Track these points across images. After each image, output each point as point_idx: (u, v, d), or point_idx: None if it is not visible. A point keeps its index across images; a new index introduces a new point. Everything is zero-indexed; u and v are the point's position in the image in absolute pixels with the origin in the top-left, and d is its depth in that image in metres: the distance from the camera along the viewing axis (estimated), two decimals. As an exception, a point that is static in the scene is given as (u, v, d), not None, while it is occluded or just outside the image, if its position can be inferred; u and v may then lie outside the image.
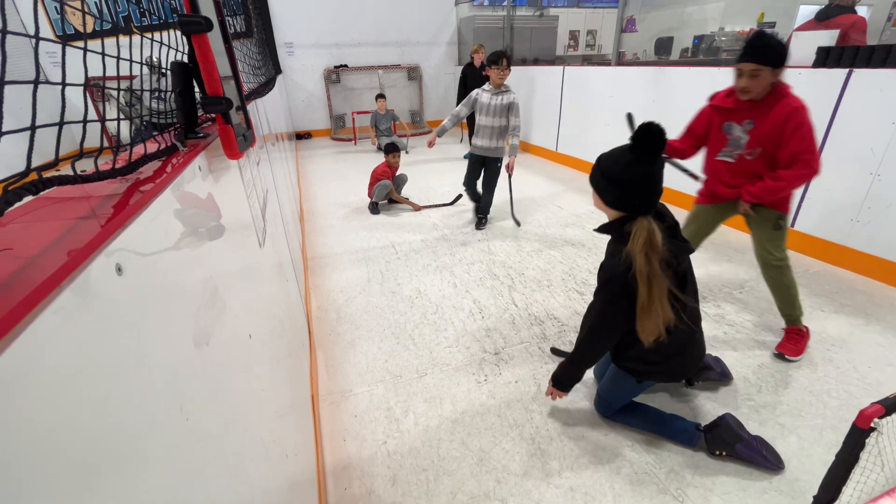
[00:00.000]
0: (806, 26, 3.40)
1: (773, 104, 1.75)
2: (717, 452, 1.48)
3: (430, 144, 3.31)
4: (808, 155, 1.72)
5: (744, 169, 1.88)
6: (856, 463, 1.00)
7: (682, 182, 2.58)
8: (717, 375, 1.80)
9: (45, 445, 0.30)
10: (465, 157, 5.11)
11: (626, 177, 1.25)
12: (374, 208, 4.00)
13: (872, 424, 0.94)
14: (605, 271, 1.35)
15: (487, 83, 3.08)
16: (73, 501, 0.32)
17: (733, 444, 1.46)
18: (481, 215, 3.54)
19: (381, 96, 6.15)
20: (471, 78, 5.54)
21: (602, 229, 1.38)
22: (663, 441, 1.57)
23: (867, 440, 0.96)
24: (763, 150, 1.79)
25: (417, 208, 4.07)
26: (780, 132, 1.73)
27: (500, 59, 2.93)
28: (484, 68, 5.77)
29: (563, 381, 1.55)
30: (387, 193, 3.96)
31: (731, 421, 1.51)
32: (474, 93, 3.08)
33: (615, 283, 1.27)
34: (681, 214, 1.69)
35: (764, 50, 1.66)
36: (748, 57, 1.70)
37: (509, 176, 3.35)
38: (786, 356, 1.92)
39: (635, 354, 1.43)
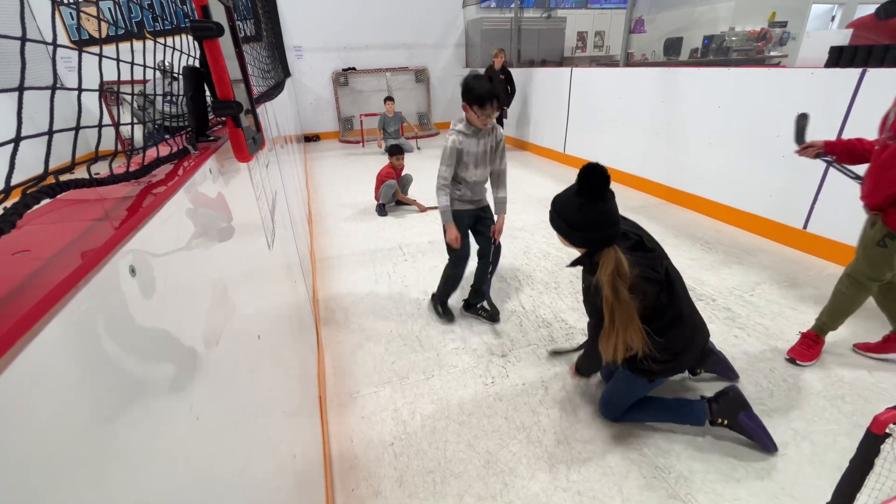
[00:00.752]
0: (861, 23, 3.17)
1: None
2: (720, 421, 1.50)
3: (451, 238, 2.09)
4: None
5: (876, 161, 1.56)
6: (870, 469, 0.98)
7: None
8: (723, 369, 1.79)
9: (57, 442, 0.31)
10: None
11: (584, 220, 1.31)
12: (382, 210, 4.02)
13: (887, 430, 0.92)
14: (587, 304, 1.46)
15: (461, 122, 1.95)
16: (82, 499, 0.33)
17: (736, 413, 1.48)
18: (480, 303, 2.37)
19: (389, 99, 6.18)
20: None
21: (574, 264, 1.45)
22: (673, 444, 1.55)
23: (882, 446, 0.94)
24: None
25: (423, 209, 4.08)
26: None
27: (491, 101, 1.81)
28: (505, 70, 5.71)
29: (582, 370, 1.72)
30: (392, 194, 3.98)
31: (737, 391, 1.54)
32: (452, 142, 1.93)
33: (593, 306, 1.38)
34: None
35: None
36: None
37: (494, 243, 2.18)
38: (797, 361, 1.89)
39: (644, 357, 1.41)
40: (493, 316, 2.32)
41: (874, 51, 2.50)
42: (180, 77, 0.85)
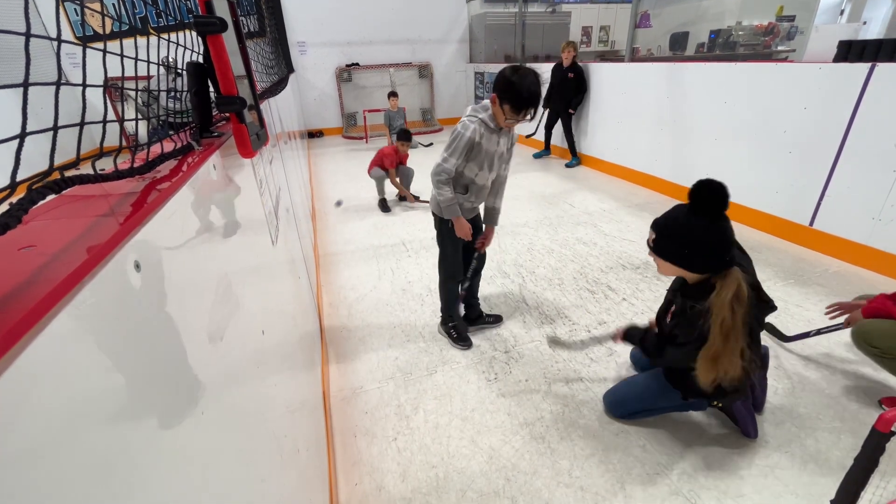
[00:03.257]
0: None
1: None
2: (714, 403, 1.51)
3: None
4: None
5: None
6: (875, 468, 0.97)
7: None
8: (742, 412, 1.57)
9: (63, 436, 0.31)
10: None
11: (706, 242, 1.22)
12: (385, 206, 4.02)
13: (893, 428, 0.92)
14: (684, 329, 1.32)
15: (486, 110, 1.68)
16: (88, 494, 0.33)
17: (730, 402, 1.48)
18: (478, 314, 2.26)
19: (393, 94, 6.11)
20: (558, 81, 4.87)
21: (690, 292, 1.33)
22: (675, 440, 1.55)
23: (887, 444, 0.94)
24: None
25: (413, 199, 4.07)
26: None
27: (529, 107, 1.59)
28: (575, 67, 4.77)
29: (633, 340, 1.57)
30: (383, 184, 4.01)
31: None
32: (473, 132, 1.65)
33: (697, 338, 1.26)
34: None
35: None
36: None
37: (479, 253, 2.06)
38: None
39: (696, 383, 1.32)
40: (497, 318, 2.28)
41: (883, 45, 2.47)
42: (184, 73, 0.85)
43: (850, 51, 2.63)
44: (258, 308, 0.95)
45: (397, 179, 4.05)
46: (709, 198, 1.17)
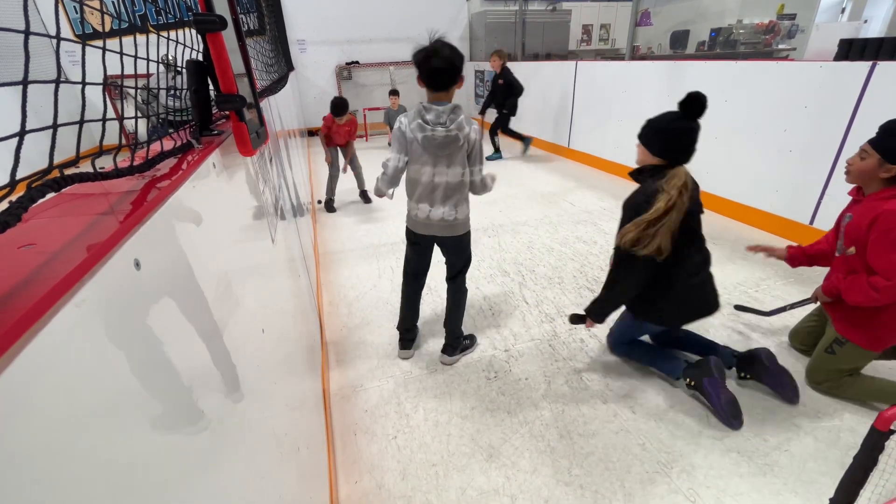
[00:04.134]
0: None
1: (873, 202, 1.46)
2: (687, 381, 1.68)
3: None
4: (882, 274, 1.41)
5: (842, 266, 1.61)
6: (874, 466, 0.98)
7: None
8: (775, 383, 1.67)
9: (63, 434, 0.31)
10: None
11: (675, 131, 1.52)
12: (330, 206, 4.07)
13: (892, 427, 0.92)
14: (629, 210, 1.56)
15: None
16: (87, 492, 0.33)
17: (702, 378, 1.62)
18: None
19: (393, 92, 6.05)
20: (493, 87, 5.38)
21: (638, 172, 1.61)
22: (675, 439, 1.55)
23: (886, 443, 0.94)
24: (858, 251, 1.51)
25: (345, 168, 4.10)
26: (864, 237, 1.46)
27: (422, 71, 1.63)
28: (504, 74, 5.15)
29: (594, 314, 1.76)
30: (334, 187, 4.06)
31: (712, 362, 1.63)
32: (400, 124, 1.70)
33: (635, 208, 1.52)
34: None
35: (885, 135, 1.42)
36: (874, 137, 1.45)
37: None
38: None
39: (642, 294, 1.66)
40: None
41: (884, 44, 2.47)
42: (184, 71, 0.85)
43: (850, 49, 2.63)
44: (258, 307, 0.95)
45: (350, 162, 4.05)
46: (694, 101, 1.47)
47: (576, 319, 1.82)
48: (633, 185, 1.68)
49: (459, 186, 1.67)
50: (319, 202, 4.21)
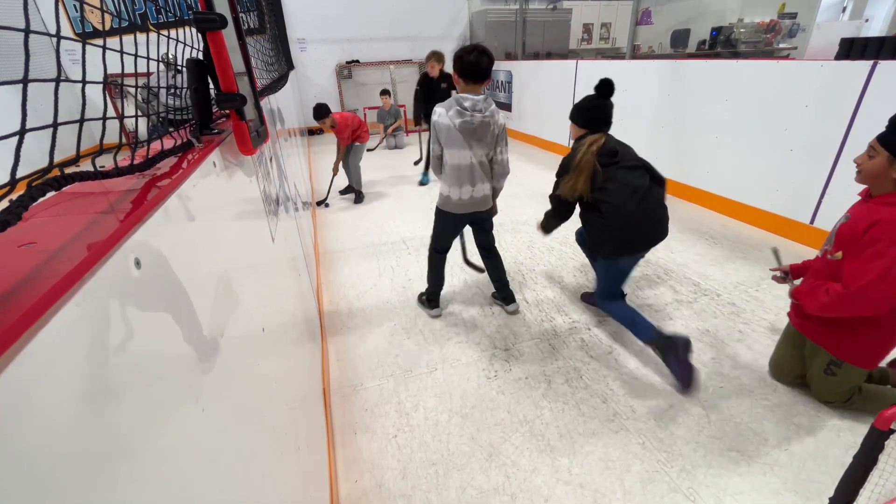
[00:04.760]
0: None
1: (877, 205, 1.37)
2: (654, 348, 1.84)
3: None
4: (859, 280, 1.33)
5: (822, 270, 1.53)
6: (874, 465, 0.98)
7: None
8: (678, 370, 1.74)
9: (63, 433, 0.31)
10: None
11: (589, 106, 1.94)
12: (360, 197, 4.17)
13: (892, 426, 0.92)
14: (562, 164, 1.98)
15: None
16: (89, 490, 0.33)
17: (667, 352, 1.77)
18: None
19: (385, 93, 5.86)
20: (437, 94, 4.43)
21: (575, 141, 1.98)
22: (675, 438, 1.55)
23: (886, 442, 0.94)
24: (845, 257, 1.43)
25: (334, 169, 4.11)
26: (856, 240, 1.38)
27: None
28: (445, 77, 4.39)
29: (546, 226, 2.17)
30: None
31: (678, 341, 1.75)
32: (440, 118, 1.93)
33: (561, 164, 1.97)
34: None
35: (892, 129, 1.32)
36: (883, 132, 1.35)
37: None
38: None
39: (590, 232, 1.99)
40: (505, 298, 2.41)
41: (886, 43, 2.46)
42: (184, 70, 0.85)
43: (851, 48, 2.62)
44: (258, 305, 0.95)
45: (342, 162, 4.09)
46: (605, 84, 1.90)
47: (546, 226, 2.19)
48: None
49: (488, 165, 2.01)
50: (320, 203, 4.21)
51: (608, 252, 1.93)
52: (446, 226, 2.15)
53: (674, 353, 1.75)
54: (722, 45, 5.25)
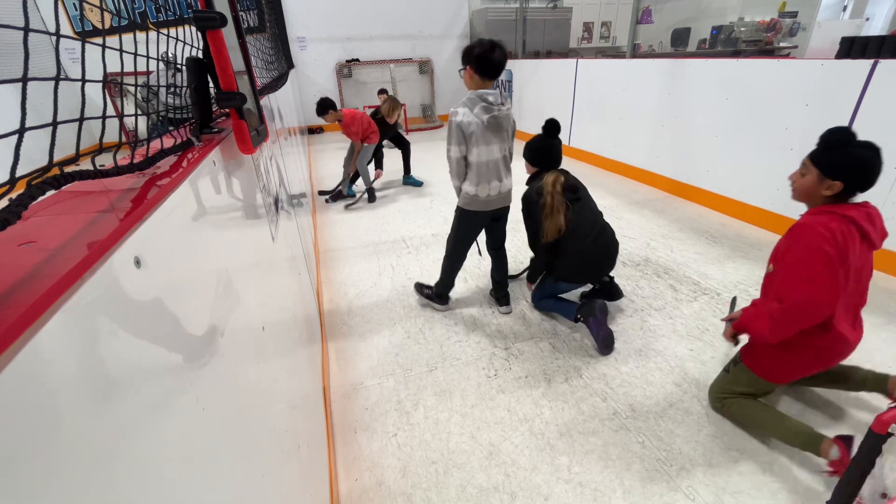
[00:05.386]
0: None
1: (804, 221, 1.36)
2: (579, 317, 2.06)
3: None
4: (785, 286, 1.31)
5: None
6: (871, 468, 0.98)
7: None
8: (595, 329, 1.98)
9: (63, 432, 0.31)
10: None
11: (540, 146, 2.10)
12: (372, 196, 4.12)
13: (890, 430, 0.92)
14: (525, 207, 2.13)
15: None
16: (89, 489, 0.33)
17: (588, 316, 2.01)
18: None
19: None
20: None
21: (530, 178, 2.18)
22: (674, 437, 1.55)
23: (884, 445, 0.94)
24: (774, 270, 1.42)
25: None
26: (782, 252, 1.38)
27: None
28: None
29: (531, 277, 2.31)
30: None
31: (597, 305, 2.02)
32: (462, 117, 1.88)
33: (530, 201, 2.07)
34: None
35: (824, 148, 1.32)
36: (814, 150, 1.36)
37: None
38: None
39: (542, 257, 2.17)
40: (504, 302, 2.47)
41: (886, 42, 2.46)
42: (184, 68, 0.85)
43: (852, 47, 2.62)
44: (258, 304, 0.95)
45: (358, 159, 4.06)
46: (551, 125, 2.05)
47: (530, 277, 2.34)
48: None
49: (508, 158, 2.06)
50: (324, 194, 4.21)
51: (558, 278, 2.14)
52: (474, 224, 2.13)
53: (592, 315, 1.99)
54: (722, 43, 5.24)
